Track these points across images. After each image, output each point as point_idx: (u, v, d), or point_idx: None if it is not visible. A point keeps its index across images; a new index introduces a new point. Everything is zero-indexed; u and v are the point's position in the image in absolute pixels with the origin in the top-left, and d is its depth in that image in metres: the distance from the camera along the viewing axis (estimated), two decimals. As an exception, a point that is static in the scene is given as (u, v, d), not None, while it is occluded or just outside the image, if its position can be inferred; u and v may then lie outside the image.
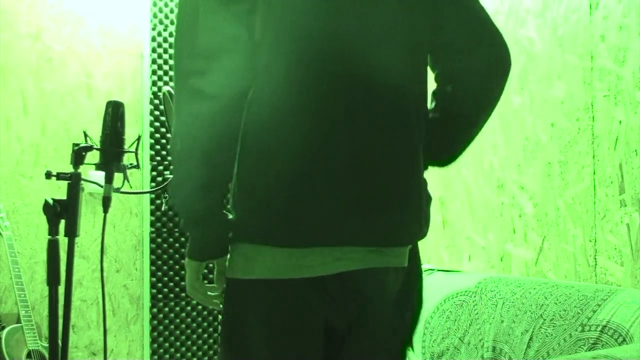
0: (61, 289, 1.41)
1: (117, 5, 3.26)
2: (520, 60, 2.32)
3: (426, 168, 1.25)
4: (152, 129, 3.23)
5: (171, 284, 3.23)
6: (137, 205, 3.24)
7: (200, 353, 3.27)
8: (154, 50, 3.25)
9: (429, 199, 1.24)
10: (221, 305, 1.15)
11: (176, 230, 3.25)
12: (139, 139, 1.62)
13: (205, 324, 3.28)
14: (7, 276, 2.96)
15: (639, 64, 1.80)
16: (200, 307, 3.27)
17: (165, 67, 3.27)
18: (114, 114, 1.51)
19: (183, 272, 3.21)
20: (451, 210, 2.72)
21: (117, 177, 1.58)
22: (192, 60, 1.00)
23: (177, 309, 3.24)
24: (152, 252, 3.21)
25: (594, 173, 1.96)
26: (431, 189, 1.27)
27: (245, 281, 1.07)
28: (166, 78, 3.27)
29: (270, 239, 1.05)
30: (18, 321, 2.76)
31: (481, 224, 2.53)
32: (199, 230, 1.09)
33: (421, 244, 1.24)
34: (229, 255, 1.11)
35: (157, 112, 3.24)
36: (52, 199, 1.41)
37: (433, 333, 2.24)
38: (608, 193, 1.92)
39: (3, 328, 2.73)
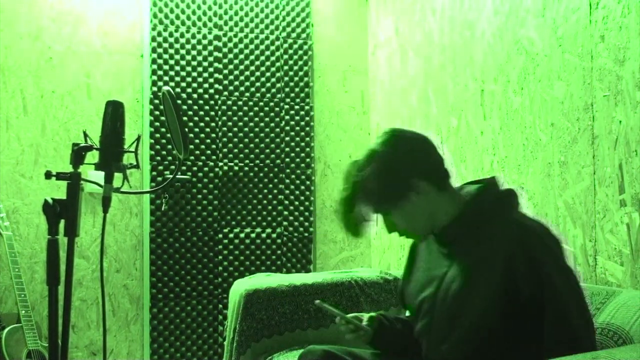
0: (61, 289, 1.41)
1: (117, 5, 3.26)
2: (520, 60, 2.32)
3: None
4: (152, 129, 3.23)
5: (171, 284, 3.23)
6: (137, 205, 3.24)
7: (200, 353, 3.26)
8: (154, 50, 3.25)
9: None
10: None
11: (176, 230, 3.25)
12: (138, 138, 1.62)
13: (205, 324, 3.28)
14: (7, 276, 2.96)
15: (639, 64, 1.80)
16: (200, 307, 3.27)
17: (165, 67, 3.27)
18: (114, 113, 1.51)
19: (184, 272, 3.22)
20: (451, 211, 2.71)
21: (117, 176, 1.58)
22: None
23: (177, 309, 3.23)
24: (152, 252, 3.21)
25: (594, 173, 1.96)
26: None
27: None
28: (166, 78, 3.27)
29: None
30: (18, 321, 2.76)
31: (481, 224, 2.52)
32: None
33: (421, 244, 1.31)
34: None
35: (157, 112, 3.23)
36: (52, 198, 1.41)
37: (433, 333, 2.24)
38: (608, 193, 1.92)
39: (3, 328, 2.73)
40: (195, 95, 3.31)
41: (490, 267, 1.44)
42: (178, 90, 3.28)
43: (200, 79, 3.32)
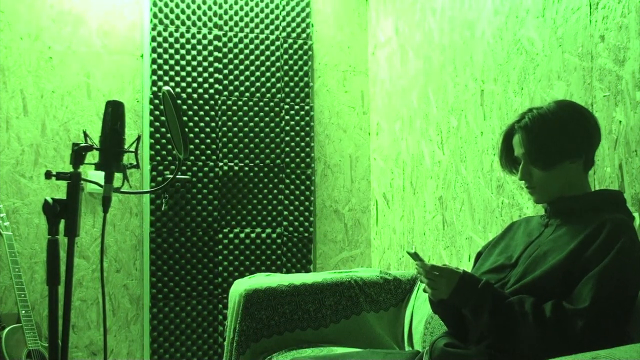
0: (61, 289, 1.41)
1: (117, 5, 3.26)
2: (520, 60, 2.32)
3: None
4: (152, 129, 3.23)
5: (171, 284, 3.23)
6: (137, 205, 3.24)
7: (200, 353, 3.27)
8: (154, 50, 3.25)
9: None
10: None
11: (176, 230, 3.25)
12: (138, 138, 1.62)
13: (205, 323, 3.28)
14: (7, 276, 2.96)
15: (639, 64, 1.80)
16: (200, 307, 3.27)
17: (165, 67, 3.27)
18: (114, 113, 1.51)
19: (184, 272, 3.22)
20: (451, 210, 2.72)
21: (117, 176, 1.58)
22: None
23: (177, 309, 3.24)
24: (152, 252, 3.21)
25: (594, 173, 1.96)
26: (431, 189, 1.31)
27: None
28: (166, 78, 3.27)
29: None
30: (18, 321, 2.76)
31: (481, 224, 2.53)
32: None
33: (421, 244, 1.27)
34: None
35: (157, 112, 3.24)
36: (52, 198, 1.41)
37: (434, 333, 2.24)
38: (608, 193, 1.91)
39: (3, 328, 2.73)
40: (195, 95, 3.31)
41: (577, 235, 1.53)
42: (178, 90, 3.28)
43: (200, 79, 3.32)
